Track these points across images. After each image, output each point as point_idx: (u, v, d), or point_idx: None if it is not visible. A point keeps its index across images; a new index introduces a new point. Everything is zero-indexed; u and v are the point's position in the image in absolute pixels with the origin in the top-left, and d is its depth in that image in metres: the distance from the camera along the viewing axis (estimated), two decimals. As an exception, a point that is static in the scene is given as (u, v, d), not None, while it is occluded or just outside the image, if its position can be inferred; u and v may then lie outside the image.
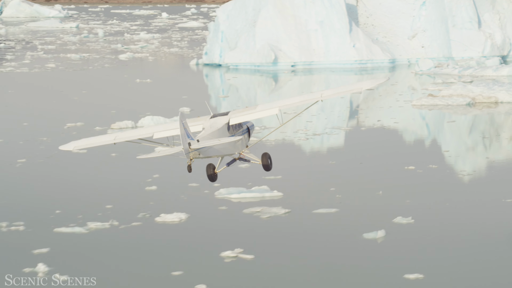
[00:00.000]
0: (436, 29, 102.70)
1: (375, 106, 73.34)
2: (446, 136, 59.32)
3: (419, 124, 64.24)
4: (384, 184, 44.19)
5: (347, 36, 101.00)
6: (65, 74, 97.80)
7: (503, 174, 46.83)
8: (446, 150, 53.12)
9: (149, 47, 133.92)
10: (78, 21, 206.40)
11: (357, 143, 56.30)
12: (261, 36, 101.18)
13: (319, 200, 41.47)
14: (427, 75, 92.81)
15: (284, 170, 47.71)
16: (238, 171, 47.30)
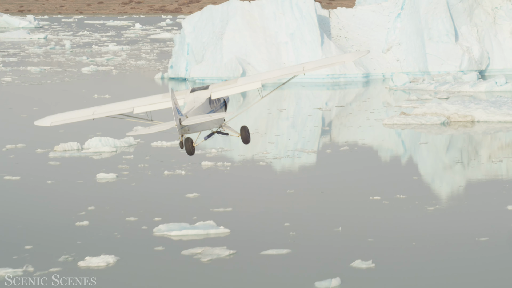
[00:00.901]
0: (412, 42, 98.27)
1: (344, 125, 68.58)
2: (417, 160, 54.51)
3: (389, 146, 59.48)
4: (345, 218, 39.36)
5: (318, 49, 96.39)
6: (20, 88, 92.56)
7: (478, 206, 42.07)
8: (416, 177, 48.35)
9: (116, 60, 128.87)
10: (48, 32, 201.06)
11: (320, 168, 51.48)
12: (229, 49, 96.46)
13: (270, 239, 36.55)
14: (402, 90, 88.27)
15: (236, 201, 42.83)
16: (185, 202, 42.44)
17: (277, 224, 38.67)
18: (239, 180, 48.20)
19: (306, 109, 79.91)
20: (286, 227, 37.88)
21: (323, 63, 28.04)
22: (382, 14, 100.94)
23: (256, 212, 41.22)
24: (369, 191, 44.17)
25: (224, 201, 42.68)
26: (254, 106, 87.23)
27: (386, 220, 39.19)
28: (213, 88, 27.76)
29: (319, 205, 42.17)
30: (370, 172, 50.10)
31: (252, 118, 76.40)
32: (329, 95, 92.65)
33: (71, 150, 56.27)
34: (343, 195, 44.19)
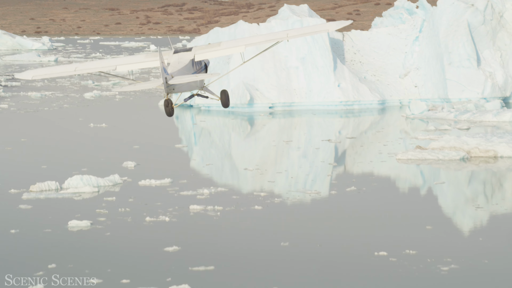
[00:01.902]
0: (431, 67, 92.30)
1: (354, 161, 62.65)
2: (432, 205, 48.43)
3: (401, 186, 53.49)
4: (345, 282, 33.56)
5: (331, 75, 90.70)
6: (12, 117, 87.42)
7: (502, 266, 36.02)
8: (429, 226, 42.40)
9: (121, 84, 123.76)
10: (60, 54, 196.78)
11: (321, 215, 45.63)
12: (236, 74, 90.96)
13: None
14: (419, 119, 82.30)
15: (220, 256, 37.13)
16: (162, 258, 36.74)
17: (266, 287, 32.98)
18: (228, 230, 42.45)
19: (315, 140, 74.13)
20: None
21: (306, 31, 28.80)
22: (399, 37, 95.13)
23: (244, 272, 35.50)
24: (374, 244, 38.34)
25: (207, 258, 36.97)
26: (261, 135, 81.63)
27: (392, 283, 33.35)
28: (197, 50, 28.02)
29: (315, 261, 36.36)
30: (378, 219, 44.17)
31: (256, 151, 70.75)
32: (342, 123, 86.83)
33: (48, 191, 50.77)
34: (344, 248, 38.35)
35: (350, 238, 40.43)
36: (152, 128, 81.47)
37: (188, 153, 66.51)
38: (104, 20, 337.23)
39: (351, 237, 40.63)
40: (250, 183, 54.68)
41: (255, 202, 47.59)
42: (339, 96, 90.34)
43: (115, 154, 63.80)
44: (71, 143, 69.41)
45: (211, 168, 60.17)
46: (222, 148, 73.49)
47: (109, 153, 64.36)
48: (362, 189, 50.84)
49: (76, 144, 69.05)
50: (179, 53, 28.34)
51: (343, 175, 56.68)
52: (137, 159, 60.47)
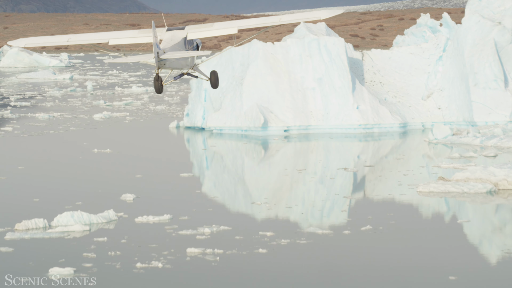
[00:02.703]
0: (455, 88, 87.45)
1: (371, 193, 57.88)
2: (455, 249, 43.60)
3: (421, 225, 48.62)
4: None
5: (349, 96, 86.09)
6: (15, 141, 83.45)
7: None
8: (453, 276, 37.63)
9: (134, 104, 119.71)
10: (76, 72, 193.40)
11: (331, 260, 40.96)
12: (249, 95, 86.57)
13: None
14: (443, 144, 77.43)
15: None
16: None
17: None
18: (226, 279, 37.91)
19: (330, 168, 69.50)
20: None
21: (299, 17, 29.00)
22: (421, 56, 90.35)
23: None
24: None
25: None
26: (274, 161, 77.13)
27: None
28: (190, 30, 28.52)
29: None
30: (395, 269, 39.45)
31: (267, 180, 66.26)
32: (360, 148, 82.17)
33: (35, 229, 46.45)
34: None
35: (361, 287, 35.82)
36: (160, 154, 77.20)
37: (193, 183, 62.10)
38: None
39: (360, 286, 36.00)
40: (256, 220, 50.17)
41: (260, 244, 43.05)
42: (358, 118, 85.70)
43: (115, 185, 59.53)
44: (70, 172, 65.17)
45: (216, 201, 55.72)
46: (231, 178, 69.14)
47: (108, 184, 60.07)
48: (379, 228, 46.14)
49: (75, 173, 64.80)
50: (172, 30, 28.81)
51: (359, 211, 51.97)
52: (137, 190, 56.13)
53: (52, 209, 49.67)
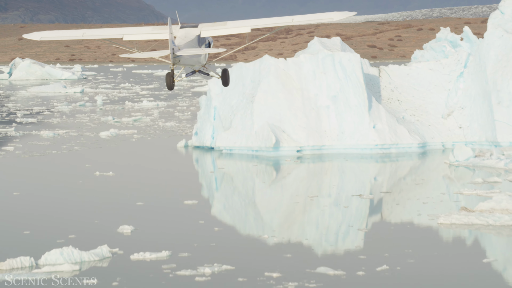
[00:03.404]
0: (477, 106, 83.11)
1: (388, 225, 53.59)
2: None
3: (443, 264, 44.37)
4: None
5: (365, 114, 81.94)
6: (15, 162, 79.73)
7: None
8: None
9: (143, 120, 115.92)
10: (88, 85, 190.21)
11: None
12: (260, 114, 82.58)
13: None
14: (465, 166, 73.07)
15: None
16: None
17: None
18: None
19: (345, 192, 65.34)
20: None
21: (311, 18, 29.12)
22: (441, 73, 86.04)
23: None
24: None
25: None
26: (285, 184, 73.05)
27: None
28: (203, 27, 29.08)
29: None
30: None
31: (276, 209, 62.16)
32: (377, 170, 77.95)
33: (20, 269, 42.52)
34: None
35: None
36: (165, 177, 73.25)
37: (198, 212, 58.02)
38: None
39: None
40: (262, 257, 46.05)
41: (264, 287, 38.96)
42: (374, 138, 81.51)
43: (113, 215, 55.53)
44: (68, 199, 61.25)
45: (221, 234, 51.64)
46: (237, 205, 65.17)
47: (106, 214, 56.04)
48: (396, 269, 41.93)
49: (73, 200, 60.88)
50: (186, 28, 29.20)
51: (375, 247, 47.74)
52: (136, 221, 52.18)
53: (42, 244, 45.87)
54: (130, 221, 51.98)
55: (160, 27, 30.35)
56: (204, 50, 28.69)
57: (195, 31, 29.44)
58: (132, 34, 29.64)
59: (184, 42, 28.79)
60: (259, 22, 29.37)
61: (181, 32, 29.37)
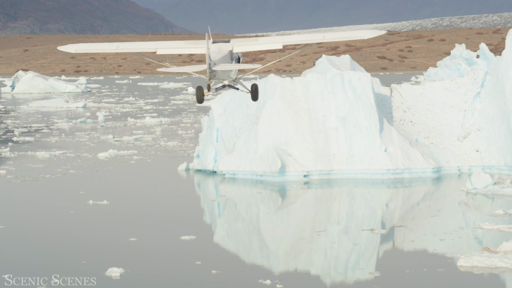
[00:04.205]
0: (495, 128, 78.38)
1: (402, 267, 48.89)
2: None
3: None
4: None
5: (377, 137, 77.33)
6: (5, 188, 75.28)
7: None
8: None
9: (144, 139, 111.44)
10: (91, 99, 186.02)
11: None
12: (265, 136, 78.07)
13: None
14: (483, 195, 68.36)
15: None
16: None
17: None
18: None
19: (354, 223, 60.82)
20: None
21: (342, 35, 29.66)
22: (457, 92, 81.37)
23: None
24: None
25: None
26: (290, 213, 68.44)
27: None
28: (235, 43, 29.89)
29: None
30: None
31: (280, 244, 57.66)
32: (389, 196, 73.35)
33: (-8, 325, 38.23)
34: None
35: None
36: (164, 204, 68.74)
37: (194, 250, 53.46)
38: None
39: None
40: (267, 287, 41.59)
41: None
42: (386, 162, 76.84)
43: (102, 254, 50.97)
44: (55, 234, 56.73)
45: (217, 278, 47.08)
46: (241, 232, 60.97)
47: (95, 252, 51.47)
48: (413, 326, 37.29)
49: (61, 235, 56.35)
50: (218, 43, 29.63)
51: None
52: (127, 262, 47.70)
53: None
54: (120, 261, 47.56)
55: (193, 42, 30.75)
56: (240, 65, 28.94)
57: (228, 46, 30.01)
58: (165, 48, 30.12)
59: (219, 57, 29.41)
60: (291, 39, 30.10)
61: (215, 47, 29.92)
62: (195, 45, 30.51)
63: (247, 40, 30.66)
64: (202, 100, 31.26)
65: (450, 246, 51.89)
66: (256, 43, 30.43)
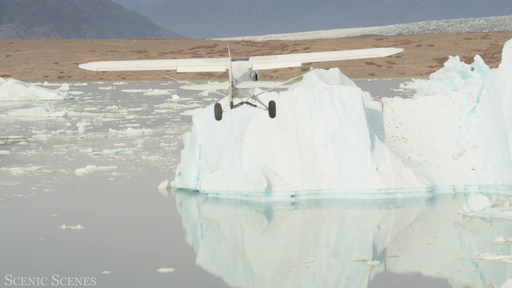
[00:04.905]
0: (492, 145, 74.58)
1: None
2: None
3: None
4: None
5: (367, 155, 73.43)
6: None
7: None
8: None
9: (125, 153, 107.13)
10: (73, 107, 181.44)
11: None
12: (251, 154, 74.06)
13: None
14: (481, 218, 64.50)
15: None
16: None
17: None
18: None
19: (344, 251, 56.90)
20: None
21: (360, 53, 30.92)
22: (451, 107, 77.52)
23: None
24: None
25: None
26: (276, 238, 64.47)
27: None
28: (254, 61, 30.77)
29: None
30: None
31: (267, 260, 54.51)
32: (380, 218, 69.49)
33: None
34: None
35: None
36: (143, 228, 64.54)
37: (174, 280, 49.39)
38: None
39: None
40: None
41: None
42: (377, 182, 72.90)
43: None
44: (21, 265, 52.38)
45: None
46: (225, 255, 57.34)
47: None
48: None
49: (25, 267, 51.96)
50: (238, 61, 30.23)
51: None
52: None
53: None
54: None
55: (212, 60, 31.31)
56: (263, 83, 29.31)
57: (247, 64, 30.51)
58: (185, 66, 30.67)
59: (240, 75, 29.80)
60: (309, 57, 30.75)
61: (235, 64, 30.37)
62: (214, 63, 31.05)
63: (265, 58, 31.24)
64: (220, 117, 31.52)
65: (449, 281, 47.97)
66: (274, 61, 30.96)
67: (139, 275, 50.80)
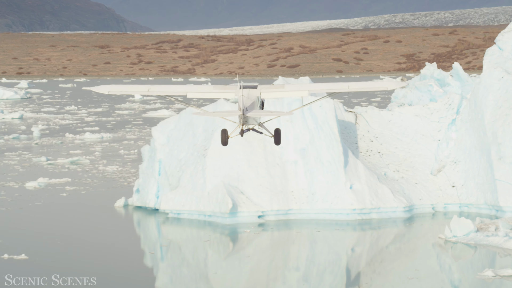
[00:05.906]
0: (473, 161, 69.52)
1: None
2: None
3: None
4: None
5: (340, 172, 68.08)
6: None
7: None
8: None
9: (81, 162, 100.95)
10: (30, 107, 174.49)
11: None
12: (214, 171, 68.44)
13: None
14: (465, 244, 59.35)
15: None
16: None
17: None
18: None
19: (316, 283, 52.23)
20: None
21: (366, 86, 31.54)
22: (429, 119, 72.32)
23: None
24: None
25: None
26: (240, 262, 59.16)
27: None
28: (263, 89, 31.62)
29: None
30: None
31: (232, 285, 50.26)
32: (354, 240, 64.37)
33: None
34: None
35: None
36: (97, 253, 58.71)
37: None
38: (93, 59, 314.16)
39: None
40: None
41: None
42: (351, 201, 67.58)
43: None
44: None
45: None
46: (187, 280, 52.70)
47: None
48: None
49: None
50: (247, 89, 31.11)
51: None
52: None
53: None
54: None
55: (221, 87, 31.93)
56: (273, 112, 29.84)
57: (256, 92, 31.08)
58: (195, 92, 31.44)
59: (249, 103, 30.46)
60: (316, 87, 31.27)
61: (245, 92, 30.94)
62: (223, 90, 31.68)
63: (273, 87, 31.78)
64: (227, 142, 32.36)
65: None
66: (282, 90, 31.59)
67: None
